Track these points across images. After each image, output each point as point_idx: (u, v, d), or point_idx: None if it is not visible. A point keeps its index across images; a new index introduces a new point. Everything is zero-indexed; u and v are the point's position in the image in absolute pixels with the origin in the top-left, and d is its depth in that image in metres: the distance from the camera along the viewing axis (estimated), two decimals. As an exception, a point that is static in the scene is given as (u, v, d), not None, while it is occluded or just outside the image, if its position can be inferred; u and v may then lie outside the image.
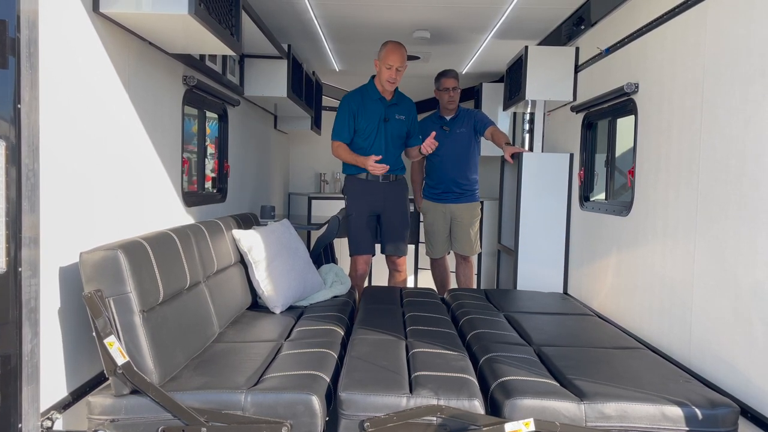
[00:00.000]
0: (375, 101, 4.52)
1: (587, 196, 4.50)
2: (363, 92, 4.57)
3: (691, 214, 2.82)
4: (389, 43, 4.41)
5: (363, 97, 4.54)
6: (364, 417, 2.24)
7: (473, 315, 3.53)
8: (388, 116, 4.52)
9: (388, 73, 4.38)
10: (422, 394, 2.29)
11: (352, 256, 4.65)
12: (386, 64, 4.37)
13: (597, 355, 2.87)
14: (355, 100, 4.53)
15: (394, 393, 2.30)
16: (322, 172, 7.98)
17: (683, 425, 2.20)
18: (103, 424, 2.24)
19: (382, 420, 2.22)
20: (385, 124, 4.51)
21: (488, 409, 2.43)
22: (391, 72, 4.37)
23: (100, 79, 2.61)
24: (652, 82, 3.34)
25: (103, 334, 2.22)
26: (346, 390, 2.30)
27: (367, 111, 4.51)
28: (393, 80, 4.40)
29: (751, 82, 2.40)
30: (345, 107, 4.54)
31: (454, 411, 2.23)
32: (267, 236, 3.71)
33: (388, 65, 4.36)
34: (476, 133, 5.16)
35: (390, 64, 4.35)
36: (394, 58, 4.35)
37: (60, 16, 2.28)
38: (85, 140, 2.48)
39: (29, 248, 1.89)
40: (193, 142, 4.16)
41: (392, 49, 4.37)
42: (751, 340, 2.34)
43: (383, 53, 4.38)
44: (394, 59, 4.35)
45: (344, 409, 2.28)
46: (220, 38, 2.96)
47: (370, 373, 2.47)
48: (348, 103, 4.54)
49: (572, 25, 4.49)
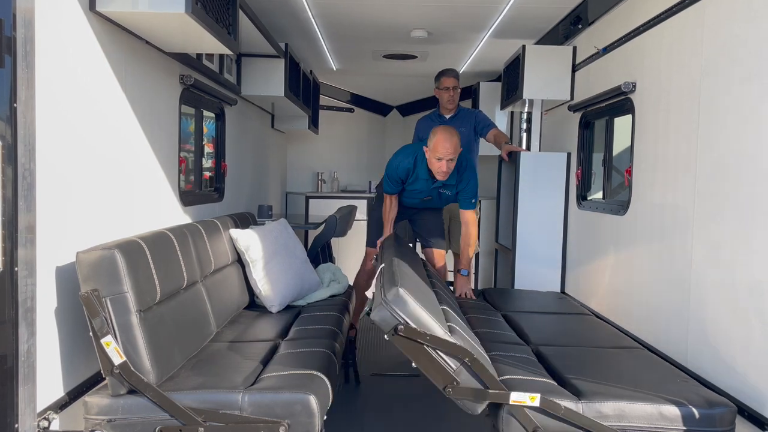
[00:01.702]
0: (421, 180, 4.10)
1: (584, 195, 4.50)
2: (412, 167, 4.09)
3: (688, 213, 2.83)
4: (438, 132, 3.86)
5: (410, 173, 4.11)
6: (402, 321, 2.22)
7: (471, 314, 3.53)
8: (431, 195, 4.20)
9: (438, 165, 3.84)
10: (461, 338, 2.28)
11: (368, 248, 4.57)
12: (436, 156, 3.82)
13: (594, 355, 2.87)
14: (401, 173, 4.12)
15: (439, 323, 2.28)
16: (319, 171, 7.99)
17: (680, 425, 2.20)
18: (99, 424, 2.23)
19: (416, 332, 2.20)
20: (426, 201, 4.26)
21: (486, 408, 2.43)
22: (442, 164, 3.83)
23: (96, 78, 2.60)
24: (649, 82, 3.34)
25: (99, 333, 2.21)
26: (405, 288, 2.26)
27: (414, 183, 4.14)
28: (444, 173, 3.87)
29: (748, 82, 2.40)
30: (390, 174, 4.16)
31: (480, 366, 2.22)
32: (264, 236, 3.71)
33: (438, 157, 3.81)
34: (476, 134, 5.12)
35: (440, 155, 3.81)
36: (445, 150, 3.79)
37: (56, 15, 2.27)
38: (82, 139, 2.47)
39: (25, 248, 1.89)
40: (191, 141, 4.15)
41: (440, 140, 3.81)
42: (748, 339, 2.34)
43: (432, 143, 3.84)
44: (444, 151, 3.79)
45: (391, 300, 2.23)
46: (217, 37, 2.95)
47: (424, 297, 2.45)
48: (394, 172, 4.15)
49: (569, 24, 4.49)
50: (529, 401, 2.19)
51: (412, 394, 3.93)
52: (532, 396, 2.18)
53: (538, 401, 2.18)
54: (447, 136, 3.83)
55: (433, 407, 3.71)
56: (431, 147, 3.86)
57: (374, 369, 4.35)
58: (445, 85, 5.04)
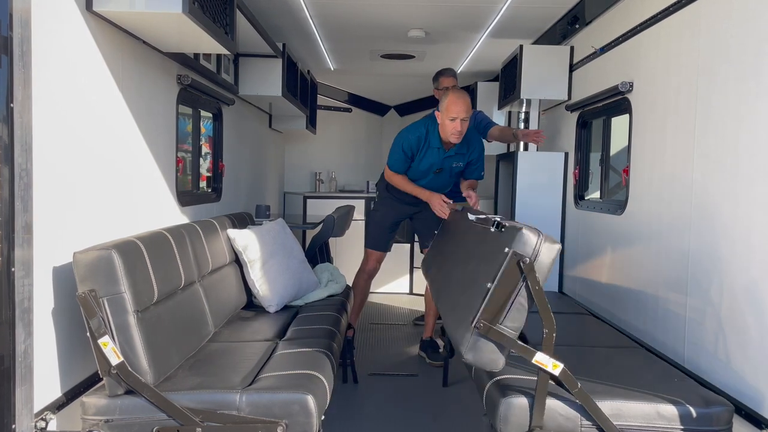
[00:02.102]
0: (433, 149, 4.13)
1: (582, 195, 4.51)
2: (424, 135, 4.13)
3: (685, 212, 2.83)
4: (451, 92, 3.99)
5: (422, 142, 4.14)
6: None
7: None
8: (443, 166, 4.19)
9: (452, 126, 3.91)
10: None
11: (368, 249, 4.57)
12: (449, 116, 3.90)
13: (592, 354, 2.88)
14: (412, 143, 4.13)
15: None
16: (317, 171, 7.98)
17: (678, 424, 2.21)
18: (97, 425, 2.23)
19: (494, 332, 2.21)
20: (436, 174, 4.24)
21: (484, 408, 2.43)
22: (456, 124, 3.90)
23: (93, 79, 2.60)
24: (646, 81, 3.34)
25: (97, 334, 2.21)
26: None
27: (422, 156, 4.16)
28: (459, 133, 3.94)
29: (745, 81, 2.40)
30: (400, 146, 4.15)
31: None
32: (262, 236, 3.71)
33: (452, 117, 3.89)
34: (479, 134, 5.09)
35: (454, 115, 3.88)
36: (458, 109, 3.88)
37: (53, 15, 2.27)
38: (79, 139, 2.47)
39: (22, 248, 1.88)
40: (188, 141, 4.15)
41: (454, 99, 3.91)
42: (745, 338, 2.35)
43: (445, 104, 3.93)
44: (458, 110, 3.88)
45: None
46: (214, 37, 2.95)
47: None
48: (405, 142, 4.14)
49: (567, 24, 4.50)
50: (551, 368, 2.19)
51: (409, 393, 3.94)
52: (556, 364, 2.19)
53: (560, 370, 2.19)
54: (459, 95, 3.95)
55: (431, 407, 3.71)
56: (444, 108, 3.93)
57: (372, 369, 4.35)
58: (444, 85, 5.03)
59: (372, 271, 4.60)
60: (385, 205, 4.52)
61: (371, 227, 4.61)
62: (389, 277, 6.81)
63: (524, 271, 2.18)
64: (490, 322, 2.20)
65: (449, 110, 3.90)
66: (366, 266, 4.58)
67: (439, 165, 4.19)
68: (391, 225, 4.53)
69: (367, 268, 4.58)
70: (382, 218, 4.53)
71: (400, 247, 4.84)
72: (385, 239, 4.55)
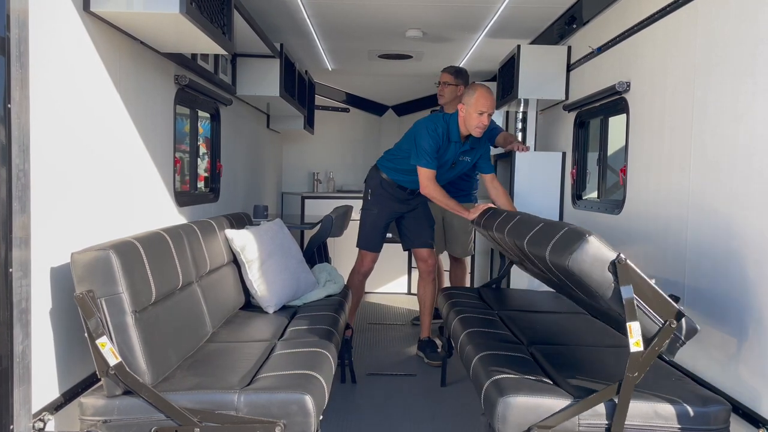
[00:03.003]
0: (453, 143, 4.18)
1: (579, 194, 4.51)
2: (447, 129, 4.16)
3: (682, 211, 2.83)
4: (479, 88, 4.03)
5: (445, 135, 4.16)
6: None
7: (466, 314, 3.54)
8: (456, 160, 4.27)
9: (479, 119, 3.98)
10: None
11: (362, 249, 4.56)
12: (478, 110, 3.96)
13: (590, 354, 2.88)
14: (440, 135, 4.13)
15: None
16: (315, 171, 7.98)
17: (675, 423, 2.21)
18: (95, 425, 2.23)
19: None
20: (451, 169, 4.30)
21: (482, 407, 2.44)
22: (483, 118, 3.98)
23: (90, 79, 2.60)
24: (643, 81, 3.35)
25: (95, 334, 2.21)
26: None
27: (445, 152, 4.20)
28: (484, 127, 4.03)
29: (742, 81, 2.41)
30: (431, 138, 4.11)
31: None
32: (260, 236, 3.71)
33: (481, 111, 3.96)
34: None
35: (483, 109, 3.96)
36: (487, 104, 3.97)
37: (50, 15, 2.27)
38: (77, 140, 2.47)
39: (20, 249, 1.88)
40: (186, 141, 4.15)
41: (484, 94, 3.99)
42: (742, 337, 2.35)
43: (473, 98, 3.97)
44: (487, 104, 3.97)
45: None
46: (211, 37, 2.95)
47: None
48: (434, 134, 4.12)
49: (564, 24, 4.50)
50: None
51: (408, 393, 3.94)
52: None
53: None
54: (488, 91, 4.02)
55: (429, 406, 3.71)
56: (473, 102, 3.98)
57: (370, 368, 4.35)
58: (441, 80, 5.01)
59: (367, 271, 4.60)
60: (379, 204, 4.49)
61: (367, 228, 4.56)
62: (387, 277, 6.82)
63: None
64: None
65: (478, 104, 3.96)
66: (361, 267, 4.57)
67: (454, 159, 4.23)
68: (385, 225, 4.53)
69: (362, 270, 4.57)
70: (376, 218, 4.49)
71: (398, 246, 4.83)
72: (380, 239, 4.55)
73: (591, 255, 2.25)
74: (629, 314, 2.15)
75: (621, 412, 2.20)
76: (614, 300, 2.20)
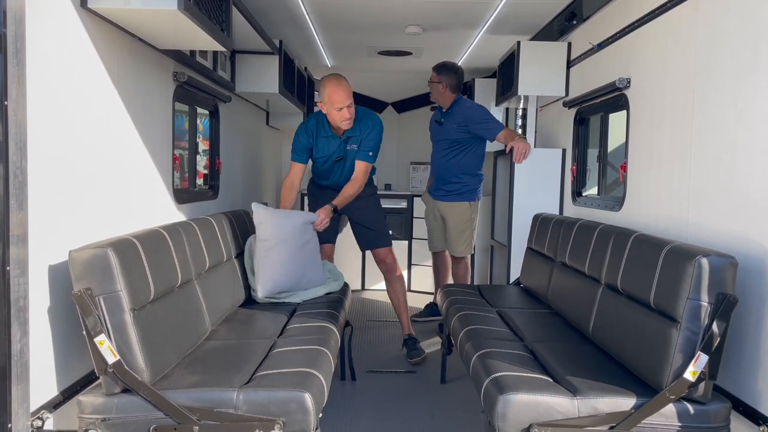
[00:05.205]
0: (326, 138, 4.16)
1: (579, 191, 4.51)
2: (315, 126, 4.17)
3: (683, 209, 2.83)
4: (327, 84, 3.92)
5: (316, 131, 4.17)
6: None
7: (466, 311, 3.53)
8: (340, 154, 4.20)
9: (340, 115, 3.90)
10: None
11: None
12: (335, 107, 3.88)
13: (590, 351, 2.87)
14: (308, 133, 4.17)
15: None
16: (314, 168, 7.96)
17: (676, 420, 2.21)
18: (94, 424, 2.22)
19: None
20: (337, 162, 4.23)
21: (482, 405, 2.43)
22: (344, 112, 3.88)
23: (88, 76, 2.58)
24: (644, 78, 3.34)
25: (93, 332, 2.20)
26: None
27: (319, 146, 4.19)
28: (349, 119, 3.94)
29: (743, 78, 2.40)
30: (301, 135, 4.18)
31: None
32: (283, 219, 3.70)
33: (338, 107, 3.87)
34: (469, 133, 4.93)
35: (339, 105, 3.86)
36: (340, 99, 3.86)
37: (47, 12, 2.25)
38: (74, 137, 2.46)
39: (17, 246, 1.88)
40: (185, 138, 4.14)
41: (334, 89, 3.86)
42: (741, 336, 2.35)
43: (326, 97, 3.89)
44: (341, 98, 3.86)
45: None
46: (210, 34, 2.94)
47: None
48: (304, 131, 4.19)
49: (564, 20, 4.49)
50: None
51: (407, 390, 3.94)
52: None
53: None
54: (336, 83, 3.91)
55: (429, 404, 3.71)
56: (326, 100, 3.92)
57: (370, 366, 4.35)
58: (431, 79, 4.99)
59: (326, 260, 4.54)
60: (317, 200, 4.40)
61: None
62: (387, 274, 6.80)
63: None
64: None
65: (332, 101, 3.88)
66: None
67: (338, 153, 4.19)
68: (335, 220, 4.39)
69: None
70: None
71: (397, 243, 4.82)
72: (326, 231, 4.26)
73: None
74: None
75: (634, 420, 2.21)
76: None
